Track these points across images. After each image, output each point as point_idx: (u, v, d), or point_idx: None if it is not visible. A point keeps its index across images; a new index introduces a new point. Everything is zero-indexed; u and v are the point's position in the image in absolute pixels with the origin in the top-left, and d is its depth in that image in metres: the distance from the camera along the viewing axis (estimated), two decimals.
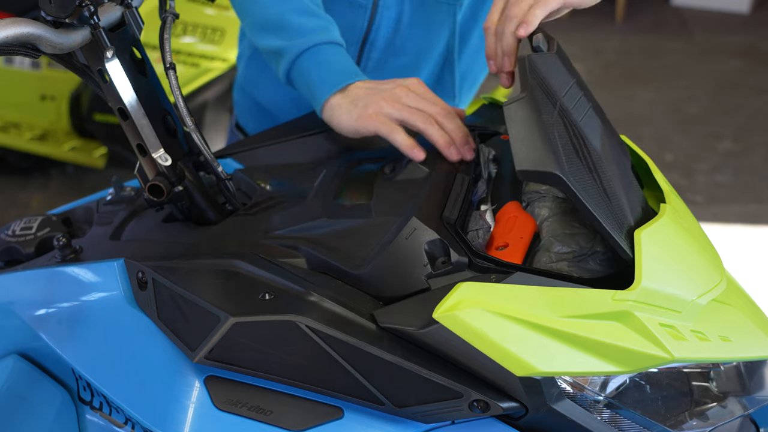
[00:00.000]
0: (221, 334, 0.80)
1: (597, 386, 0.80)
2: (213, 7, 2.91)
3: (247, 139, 1.22)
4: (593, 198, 0.79)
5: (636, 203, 0.85)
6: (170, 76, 0.95)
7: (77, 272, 0.97)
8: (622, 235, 0.79)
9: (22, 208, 3.12)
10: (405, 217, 0.85)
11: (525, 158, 0.79)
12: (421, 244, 0.83)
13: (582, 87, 0.89)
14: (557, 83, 0.85)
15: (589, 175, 0.80)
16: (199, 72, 2.90)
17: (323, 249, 0.88)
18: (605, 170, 0.82)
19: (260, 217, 0.97)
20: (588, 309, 0.75)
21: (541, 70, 0.85)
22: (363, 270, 0.84)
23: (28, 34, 0.80)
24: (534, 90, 0.83)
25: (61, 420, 0.94)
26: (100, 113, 2.94)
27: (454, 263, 0.81)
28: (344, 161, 1.06)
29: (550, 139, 0.80)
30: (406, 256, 0.83)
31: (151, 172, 0.97)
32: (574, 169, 0.79)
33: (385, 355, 0.76)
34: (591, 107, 0.87)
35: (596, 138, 0.85)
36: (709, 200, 3.28)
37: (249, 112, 1.42)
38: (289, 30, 1.07)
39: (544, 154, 0.79)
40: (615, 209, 0.81)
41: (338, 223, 0.91)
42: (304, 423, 0.80)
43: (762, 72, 4.58)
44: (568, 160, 0.80)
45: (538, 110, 0.82)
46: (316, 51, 1.06)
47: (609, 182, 0.82)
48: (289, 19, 1.08)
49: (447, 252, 0.82)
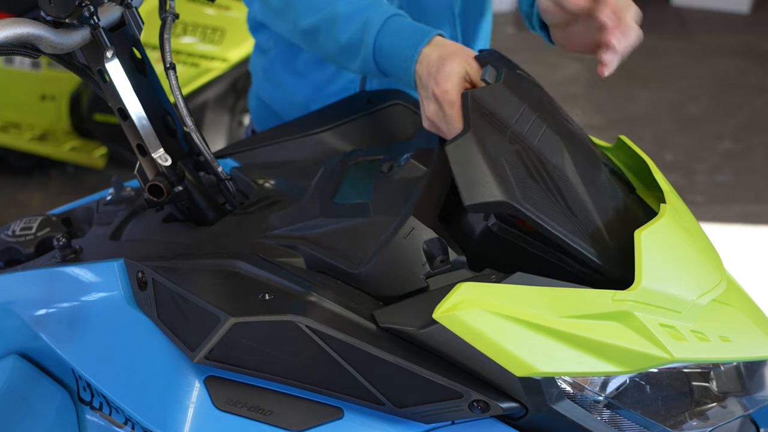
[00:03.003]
0: (221, 335, 0.80)
1: (597, 386, 0.80)
2: (213, 7, 2.91)
3: (247, 139, 1.22)
4: (554, 217, 0.79)
5: (612, 209, 0.85)
6: (170, 76, 0.95)
7: (77, 272, 0.97)
8: (592, 248, 0.80)
9: (22, 208, 3.12)
10: (403, 216, 0.85)
11: (472, 193, 0.79)
12: (420, 243, 0.83)
13: (537, 108, 0.88)
14: (506, 112, 0.85)
15: (548, 196, 0.81)
16: (199, 72, 2.89)
17: (321, 248, 0.88)
18: (570, 186, 0.83)
19: (258, 216, 0.97)
20: (588, 309, 0.75)
21: (486, 103, 0.85)
22: (361, 269, 0.84)
23: (28, 34, 0.80)
24: (476, 125, 0.83)
25: (61, 420, 0.94)
26: (100, 113, 2.94)
27: (452, 262, 0.82)
28: (342, 159, 1.06)
29: (496, 170, 0.80)
30: (405, 256, 0.83)
31: (151, 172, 0.97)
32: (529, 193, 0.80)
33: (385, 355, 0.76)
34: (547, 126, 0.87)
35: (557, 155, 0.85)
36: (709, 200, 3.28)
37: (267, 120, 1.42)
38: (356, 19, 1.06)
39: (491, 184, 0.79)
40: (583, 223, 0.81)
41: (336, 223, 0.91)
42: (304, 423, 0.80)
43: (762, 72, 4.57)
44: (522, 185, 0.80)
45: (480, 144, 0.81)
46: (388, 24, 1.05)
47: (575, 197, 0.82)
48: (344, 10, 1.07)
49: (445, 251, 0.82)
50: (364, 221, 0.90)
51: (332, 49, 1.08)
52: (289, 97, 1.33)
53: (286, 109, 1.34)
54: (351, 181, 1.01)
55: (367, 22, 1.03)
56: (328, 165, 1.06)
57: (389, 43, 1.01)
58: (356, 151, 1.09)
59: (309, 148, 1.13)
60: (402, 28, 1.01)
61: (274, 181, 1.06)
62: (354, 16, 1.04)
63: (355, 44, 1.04)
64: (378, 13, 1.02)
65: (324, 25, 1.07)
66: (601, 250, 0.80)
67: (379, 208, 0.91)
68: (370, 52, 1.03)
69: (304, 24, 1.09)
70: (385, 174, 0.98)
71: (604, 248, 0.81)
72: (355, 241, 0.88)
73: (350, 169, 1.04)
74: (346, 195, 0.97)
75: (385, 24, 1.01)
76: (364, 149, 1.09)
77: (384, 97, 1.17)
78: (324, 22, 1.06)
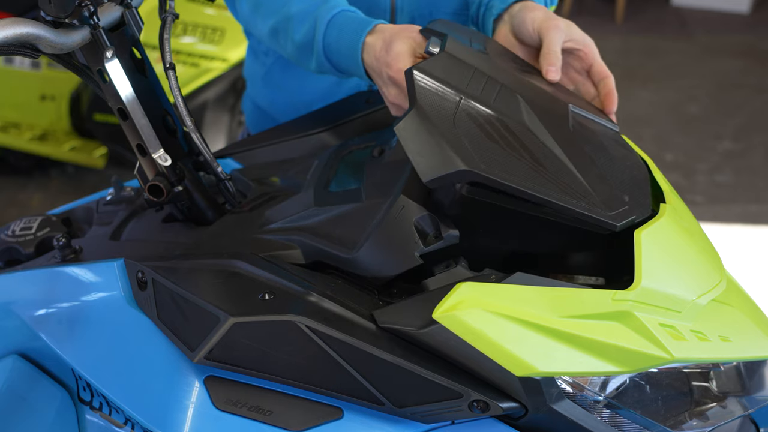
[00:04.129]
0: (221, 335, 0.80)
1: (597, 386, 0.80)
2: (213, 7, 2.91)
3: (247, 139, 1.22)
4: (520, 174, 0.77)
5: (589, 155, 0.83)
6: (170, 76, 0.95)
7: (77, 272, 0.97)
8: (569, 196, 0.78)
9: (22, 208, 3.12)
10: (394, 196, 0.85)
11: (427, 168, 0.78)
12: (411, 220, 0.82)
13: (490, 68, 0.87)
14: (454, 79, 0.84)
15: (510, 154, 0.79)
16: (199, 72, 2.89)
17: (318, 237, 0.88)
18: (534, 140, 0.81)
19: (255, 213, 0.97)
20: (588, 309, 0.75)
21: (431, 74, 0.84)
22: (356, 253, 0.84)
23: (28, 34, 0.80)
24: (422, 98, 0.82)
25: (61, 420, 0.94)
26: (100, 113, 2.94)
27: (445, 237, 0.81)
28: (335, 150, 1.06)
29: (448, 140, 0.78)
30: (397, 234, 0.83)
31: (151, 172, 0.97)
32: (488, 155, 0.78)
33: (385, 355, 0.76)
34: (503, 85, 0.85)
35: (517, 112, 0.83)
36: (709, 200, 3.28)
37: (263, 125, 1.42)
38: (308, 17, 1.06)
39: (445, 156, 0.77)
40: (554, 174, 0.79)
41: (330, 210, 0.91)
42: (304, 423, 0.80)
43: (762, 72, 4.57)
44: (479, 149, 0.78)
45: (428, 117, 0.80)
46: (334, 19, 1.06)
47: (542, 150, 0.80)
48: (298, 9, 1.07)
49: (437, 226, 0.82)
50: (358, 206, 0.89)
51: (291, 50, 1.09)
52: (293, 99, 1.32)
53: (287, 113, 1.34)
54: (345, 169, 1.01)
55: (317, 19, 1.04)
56: (322, 157, 1.06)
57: (336, 37, 1.01)
58: (348, 141, 1.08)
59: (308, 148, 1.13)
60: (346, 21, 1.01)
61: (272, 180, 1.06)
62: (306, 15, 1.05)
63: (308, 43, 1.05)
64: (326, 10, 1.03)
65: (281, 26, 1.08)
66: (578, 197, 0.79)
67: (372, 192, 0.90)
68: (320, 49, 1.04)
69: (266, 27, 1.10)
70: (377, 158, 0.97)
71: (581, 194, 0.79)
72: (349, 226, 0.87)
73: (343, 158, 1.04)
74: (340, 183, 0.97)
75: (331, 20, 1.02)
76: (357, 138, 1.09)
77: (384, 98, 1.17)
78: (281, 23, 1.08)
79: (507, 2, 1.03)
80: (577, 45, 0.95)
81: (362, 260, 0.84)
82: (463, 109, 0.82)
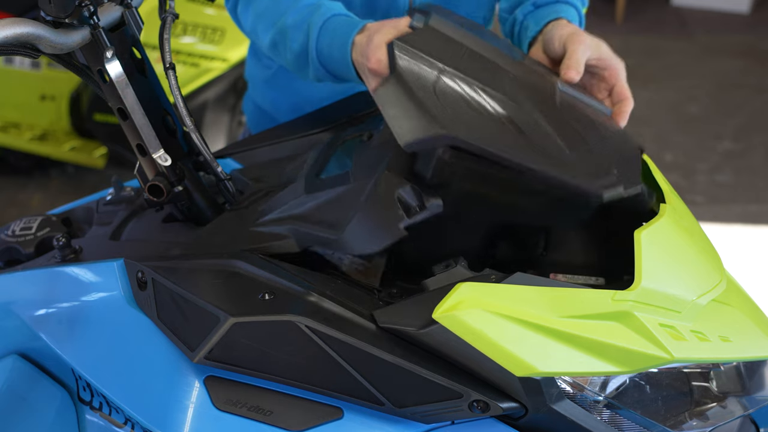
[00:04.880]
0: (221, 335, 0.80)
1: (597, 386, 0.80)
2: (213, 7, 2.91)
3: (247, 139, 1.22)
4: (498, 138, 0.77)
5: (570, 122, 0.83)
6: (170, 76, 0.95)
7: (77, 272, 0.97)
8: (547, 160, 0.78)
9: (22, 208, 3.12)
10: (378, 174, 0.85)
11: (405, 132, 0.77)
12: (394, 193, 0.82)
13: (472, 42, 0.87)
14: (434, 49, 0.84)
15: (489, 119, 0.79)
16: (199, 72, 2.89)
17: (309, 224, 0.88)
18: (515, 107, 0.81)
19: (251, 209, 0.97)
20: (588, 309, 0.75)
21: (412, 45, 0.84)
22: (343, 232, 0.84)
23: (28, 34, 0.80)
24: (402, 66, 0.82)
25: (61, 420, 0.94)
26: (100, 113, 2.94)
27: (428, 206, 0.80)
28: (329, 142, 1.06)
29: (427, 105, 0.78)
30: (381, 209, 0.82)
31: (151, 172, 0.97)
32: (466, 119, 0.78)
33: (385, 355, 0.76)
34: (485, 56, 0.86)
35: (498, 80, 0.83)
36: (709, 200, 3.28)
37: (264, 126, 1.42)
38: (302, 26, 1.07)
39: (425, 120, 0.77)
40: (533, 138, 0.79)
41: (320, 196, 0.91)
42: (304, 423, 0.80)
43: (762, 72, 4.57)
44: (457, 114, 0.78)
45: (407, 83, 0.80)
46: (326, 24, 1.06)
47: (521, 117, 0.80)
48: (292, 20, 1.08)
49: (420, 198, 0.81)
50: (346, 188, 0.89)
51: (291, 60, 1.08)
52: (297, 100, 1.32)
53: (289, 114, 1.34)
54: (336, 158, 1.01)
55: (309, 26, 1.03)
56: (316, 149, 1.06)
57: (328, 43, 1.01)
58: (341, 133, 1.08)
59: (308, 148, 1.13)
60: (338, 25, 1.01)
61: (269, 177, 1.06)
62: (300, 24, 1.04)
63: (303, 52, 1.05)
64: (318, 16, 1.03)
65: (279, 38, 1.08)
66: (563, 166, 0.78)
67: (360, 174, 0.90)
68: (315, 56, 1.03)
69: (267, 40, 1.10)
70: (365, 142, 0.97)
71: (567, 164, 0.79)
72: (338, 209, 0.87)
73: (337, 148, 1.04)
74: (331, 170, 0.97)
75: (323, 25, 1.02)
76: (350, 129, 1.09)
77: None
78: (279, 35, 1.08)
79: (541, 23, 1.03)
80: (604, 64, 0.95)
81: (349, 238, 0.84)
82: (444, 77, 0.81)
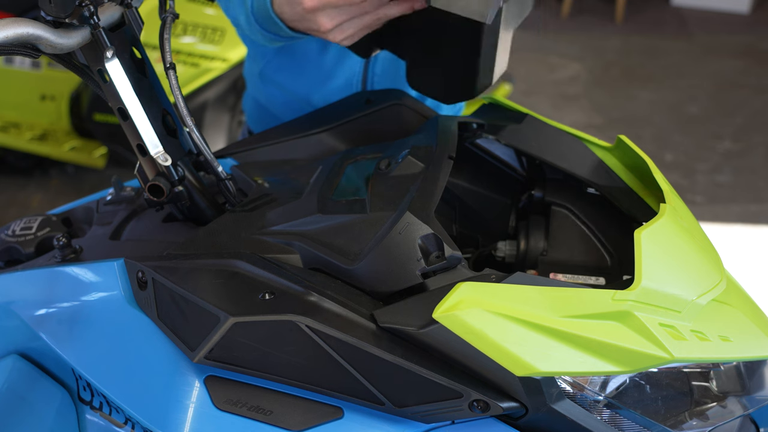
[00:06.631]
0: (221, 334, 0.80)
1: (597, 386, 0.80)
2: (213, 7, 2.91)
3: (247, 139, 1.22)
4: None
5: None
6: (170, 76, 0.95)
7: (77, 272, 0.97)
8: None
9: (22, 208, 3.12)
10: (399, 212, 0.85)
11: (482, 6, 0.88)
12: (415, 238, 0.83)
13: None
14: None
15: None
16: (199, 72, 2.90)
17: (317, 245, 0.88)
18: None
19: (256, 214, 0.97)
20: (588, 309, 0.75)
21: None
22: (357, 265, 0.84)
23: (28, 34, 0.80)
24: None
25: (61, 420, 0.94)
26: (100, 113, 2.94)
27: (448, 258, 0.81)
28: (340, 157, 1.06)
29: None
30: (400, 251, 0.83)
31: (151, 172, 0.97)
32: None
33: (385, 355, 0.76)
34: None
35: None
36: (709, 200, 3.28)
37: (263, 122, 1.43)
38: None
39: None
40: None
41: (333, 219, 0.91)
42: (304, 423, 0.80)
43: (762, 72, 4.57)
44: None
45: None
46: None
47: None
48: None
49: (441, 246, 0.82)
50: (361, 217, 0.90)
51: (249, 31, 1.10)
52: (288, 96, 1.33)
53: (285, 109, 1.34)
54: (349, 178, 1.01)
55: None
56: (327, 163, 1.06)
57: (259, 3, 1.03)
58: (355, 149, 1.09)
59: (309, 148, 1.13)
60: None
61: (272, 180, 1.06)
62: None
63: (248, 19, 1.07)
64: None
65: (242, 16, 1.10)
66: None
67: (376, 205, 0.91)
68: (253, 20, 1.06)
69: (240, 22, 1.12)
70: (383, 171, 0.98)
71: None
72: (351, 237, 0.88)
73: (348, 166, 1.04)
74: (344, 192, 0.97)
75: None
76: (363, 147, 1.09)
77: (384, 98, 1.17)
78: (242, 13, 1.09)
79: None
80: None
81: (362, 273, 0.84)
82: None
